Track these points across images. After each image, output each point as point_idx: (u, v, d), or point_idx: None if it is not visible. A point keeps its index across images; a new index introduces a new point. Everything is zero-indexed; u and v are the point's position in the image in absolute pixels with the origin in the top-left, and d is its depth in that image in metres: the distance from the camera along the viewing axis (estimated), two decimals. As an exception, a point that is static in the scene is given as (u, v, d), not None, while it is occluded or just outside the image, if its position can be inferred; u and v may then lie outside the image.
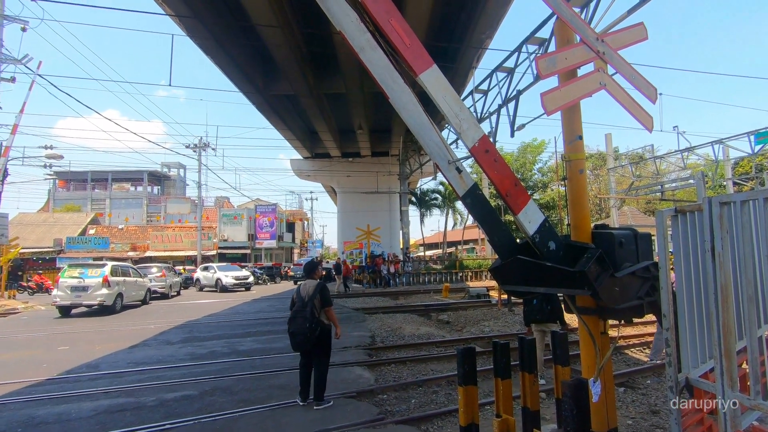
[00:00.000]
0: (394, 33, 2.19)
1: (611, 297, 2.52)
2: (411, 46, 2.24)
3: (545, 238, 2.52)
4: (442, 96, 2.31)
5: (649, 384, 5.83)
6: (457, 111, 2.33)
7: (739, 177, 23.75)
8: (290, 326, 4.97)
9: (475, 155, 2.36)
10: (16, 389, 6.04)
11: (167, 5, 11.81)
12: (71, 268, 14.50)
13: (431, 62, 2.32)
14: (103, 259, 22.95)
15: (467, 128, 2.34)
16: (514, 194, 2.43)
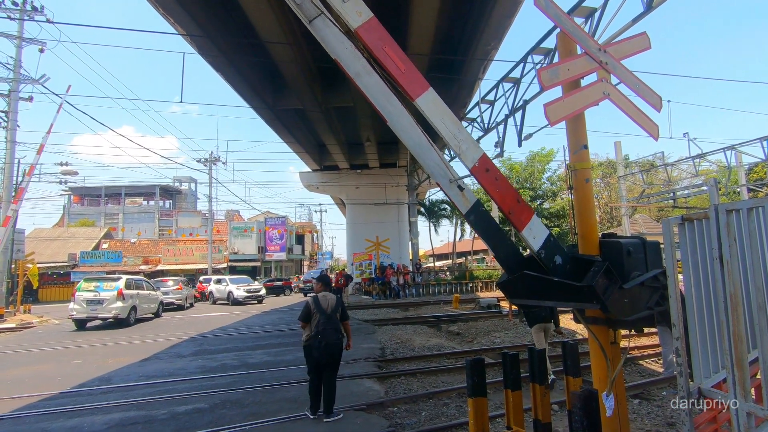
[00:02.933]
0: (388, 60, 2.20)
1: (621, 309, 2.49)
2: (406, 72, 2.25)
3: (551, 253, 2.51)
4: (440, 119, 2.33)
5: (665, 396, 5.71)
6: (455, 132, 2.34)
7: (753, 183, 23.37)
8: (322, 339, 4.90)
9: (476, 175, 2.37)
10: (30, 403, 6.12)
11: (179, 25, 12.13)
12: (87, 282, 14.72)
13: (427, 86, 2.33)
14: (116, 273, 23.28)
15: (466, 149, 2.35)
16: (518, 211, 2.42)
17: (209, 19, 12.55)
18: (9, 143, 18.08)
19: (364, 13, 2.23)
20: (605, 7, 8.13)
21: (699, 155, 17.75)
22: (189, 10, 11.73)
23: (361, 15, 2.22)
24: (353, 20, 2.18)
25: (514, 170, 37.55)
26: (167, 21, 11.97)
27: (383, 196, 25.32)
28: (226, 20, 13.18)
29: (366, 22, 2.21)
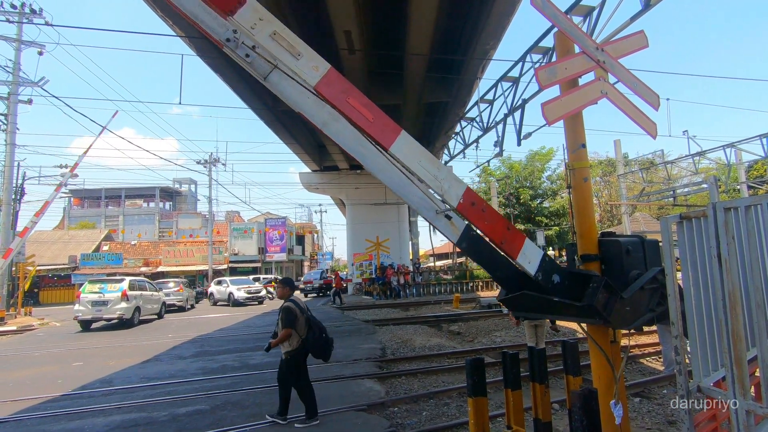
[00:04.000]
0: (354, 112, 2.06)
1: (623, 319, 2.49)
2: (375, 120, 2.12)
3: (548, 273, 2.48)
4: (417, 162, 2.19)
5: (666, 394, 5.71)
6: (435, 173, 2.21)
7: (753, 180, 23.37)
8: (326, 335, 4.99)
9: (463, 212, 2.27)
10: (32, 405, 6.12)
11: (178, 27, 12.13)
12: (91, 284, 14.96)
13: (399, 130, 2.20)
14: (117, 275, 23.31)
15: (449, 187, 2.24)
16: (510, 239, 2.36)
17: (208, 20, 12.56)
18: (8, 146, 18.09)
19: (321, 66, 2.07)
20: (603, 6, 8.13)
21: (699, 153, 17.75)
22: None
23: (318, 69, 2.06)
24: (311, 77, 2.02)
25: (514, 169, 37.54)
26: (166, 23, 11.98)
27: (383, 196, 25.32)
28: (224, 21, 13.20)
29: (325, 76, 2.05)
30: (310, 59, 2.05)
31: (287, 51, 1.99)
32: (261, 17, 1.98)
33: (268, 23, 1.99)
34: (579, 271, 2.63)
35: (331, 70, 2.08)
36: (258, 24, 1.96)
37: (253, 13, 1.97)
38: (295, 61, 2.01)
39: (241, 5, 1.95)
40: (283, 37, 2.00)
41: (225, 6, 1.91)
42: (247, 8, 1.95)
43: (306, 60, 2.03)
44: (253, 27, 1.94)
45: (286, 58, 1.99)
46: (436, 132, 22.42)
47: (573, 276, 2.55)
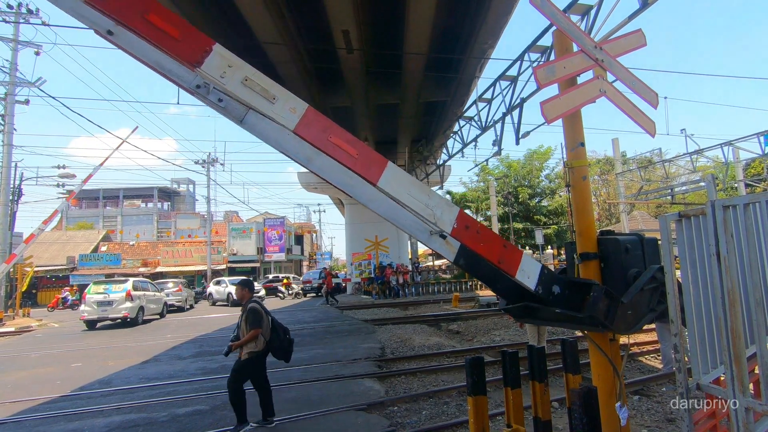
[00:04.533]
0: (337, 150, 2.00)
1: (626, 324, 2.49)
2: (359, 156, 2.05)
3: (548, 285, 2.47)
4: (407, 193, 2.12)
5: (665, 392, 5.73)
6: (426, 201, 2.15)
7: (750, 178, 23.43)
8: (289, 336, 5.02)
9: (458, 236, 2.22)
10: (30, 406, 6.11)
11: (175, 26, 12.12)
12: (96, 285, 15.46)
13: (385, 162, 2.12)
14: (116, 276, 23.33)
15: (441, 214, 2.18)
16: (507, 257, 2.33)
17: (205, 20, 12.53)
18: (6, 146, 18.04)
19: (298, 107, 1.97)
20: (601, 5, 8.13)
21: (696, 151, 17.79)
22: (184, 11, 11.71)
23: (295, 111, 1.95)
24: (288, 120, 1.94)
25: (513, 168, 37.56)
26: (163, 22, 11.95)
27: (382, 195, 25.31)
28: (221, 21, 13.17)
29: (303, 117, 1.96)
30: (286, 101, 1.95)
31: (261, 96, 1.90)
32: (230, 64, 1.87)
33: (239, 69, 1.89)
34: (578, 280, 2.63)
35: (308, 109, 2.00)
36: (227, 72, 1.86)
37: (221, 61, 1.86)
38: (270, 105, 1.91)
39: (208, 54, 1.83)
40: (256, 82, 1.90)
41: (190, 58, 1.79)
42: (214, 56, 1.85)
43: (282, 103, 1.94)
44: (222, 75, 1.84)
45: (261, 104, 1.90)
46: (434, 131, 22.42)
47: (573, 285, 2.54)
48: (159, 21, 1.75)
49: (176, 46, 1.76)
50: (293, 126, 1.93)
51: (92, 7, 1.67)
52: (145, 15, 1.72)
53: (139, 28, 1.71)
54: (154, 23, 1.74)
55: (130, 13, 1.71)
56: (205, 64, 1.81)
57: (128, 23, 1.70)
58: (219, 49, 1.86)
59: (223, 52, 1.87)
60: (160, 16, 1.76)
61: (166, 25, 1.75)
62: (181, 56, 1.77)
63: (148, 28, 1.73)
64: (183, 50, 1.78)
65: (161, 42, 1.74)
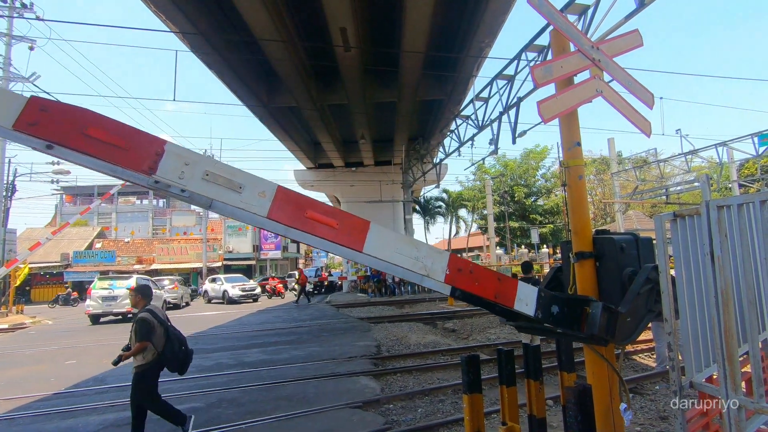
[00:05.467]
0: (316, 226, 1.92)
1: (627, 333, 2.50)
2: (341, 226, 1.96)
3: (546, 308, 2.47)
4: (394, 251, 2.06)
5: (658, 390, 5.78)
6: (415, 254, 2.09)
7: (744, 179, 23.61)
8: (186, 347, 4.65)
9: (452, 282, 2.17)
10: (24, 404, 6.08)
11: (171, 22, 12.03)
12: (101, 281, 16.23)
13: (366, 226, 2.03)
14: (110, 273, 23.29)
15: (431, 263, 2.11)
16: (503, 290, 2.33)
17: (202, 16, 12.46)
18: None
19: (267, 190, 1.85)
20: (598, 4, 8.15)
21: (691, 151, 17.91)
22: (181, 8, 11.64)
23: (265, 195, 1.83)
24: (260, 207, 1.82)
25: (509, 167, 37.66)
26: (159, 18, 11.87)
27: (378, 193, 25.30)
28: (219, 18, 13.10)
29: (274, 201, 1.84)
30: (254, 187, 1.82)
31: (226, 188, 1.78)
32: (186, 162, 1.72)
33: (197, 165, 1.74)
34: (575, 297, 2.65)
35: (278, 191, 1.86)
36: (185, 170, 1.71)
37: (176, 162, 1.70)
38: (237, 196, 1.79)
39: (160, 156, 1.67)
40: (218, 175, 1.77)
41: (141, 166, 1.65)
42: (167, 158, 1.69)
43: (249, 190, 1.81)
44: (181, 176, 1.70)
45: (228, 197, 1.77)
46: (431, 129, 22.42)
47: (570, 302, 2.56)
48: (102, 134, 1.61)
49: (125, 157, 1.63)
50: (265, 213, 1.82)
51: (23, 133, 1.51)
52: (85, 131, 1.57)
53: (80, 146, 1.57)
54: (97, 137, 1.60)
55: (66, 133, 1.56)
56: (159, 169, 1.66)
57: (66, 144, 1.55)
58: (172, 149, 1.71)
59: (177, 151, 1.72)
60: (103, 128, 1.62)
61: (110, 137, 1.62)
62: (131, 167, 1.64)
63: (89, 144, 1.59)
64: (132, 160, 1.64)
65: (106, 156, 1.60)
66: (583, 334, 2.41)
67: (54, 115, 1.55)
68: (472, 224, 43.27)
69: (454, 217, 42.34)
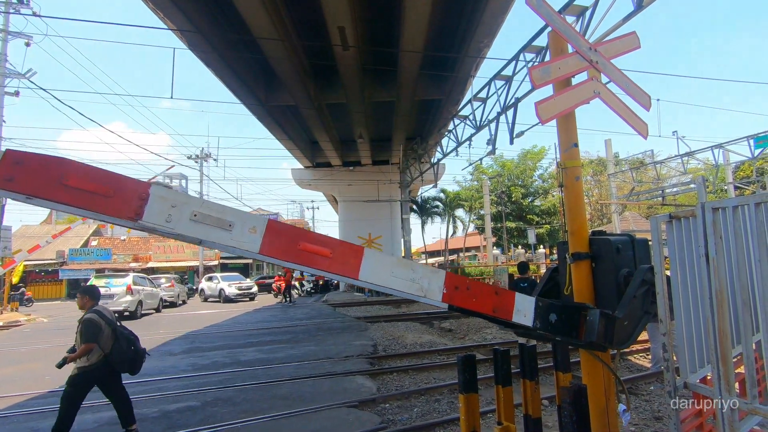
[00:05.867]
0: (310, 257, 1.89)
1: (624, 337, 2.52)
2: (334, 254, 1.94)
3: (544, 317, 2.48)
4: (390, 275, 2.06)
5: (653, 390, 5.81)
6: (411, 276, 2.09)
7: (740, 181, 23.74)
8: (135, 347, 4.53)
9: (450, 301, 2.17)
10: (18, 402, 6.05)
11: (169, 20, 11.99)
12: (98, 279, 16.20)
13: (361, 252, 2.02)
14: (106, 271, 23.24)
15: (428, 284, 2.12)
16: (501, 304, 2.34)
17: (200, 14, 12.42)
18: (-5, 139, 17.74)
19: (258, 226, 1.80)
20: (596, 6, 8.18)
21: (687, 153, 17.99)
22: (179, 5, 11.59)
23: (255, 231, 1.79)
24: (251, 244, 1.78)
25: (506, 167, 37.72)
26: (157, 16, 11.82)
27: (376, 193, 25.30)
28: (217, 16, 13.06)
29: (265, 236, 1.80)
30: (244, 224, 1.79)
31: (215, 227, 1.75)
32: (173, 204, 1.67)
33: (184, 206, 1.69)
34: (573, 305, 2.66)
35: (269, 225, 1.82)
36: (173, 213, 1.67)
37: (162, 205, 1.65)
38: (228, 234, 1.76)
39: (145, 201, 1.62)
40: (206, 215, 1.73)
41: (127, 213, 1.60)
42: (153, 202, 1.64)
43: (239, 227, 1.77)
44: (168, 220, 1.65)
45: (218, 236, 1.74)
46: (429, 129, 22.43)
47: (568, 310, 2.57)
48: (82, 183, 1.54)
49: (108, 204, 1.58)
50: (257, 248, 1.79)
51: None
52: (64, 182, 1.51)
53: (59, 198, 1.51)
54: (78, 187, 1.53)
55: (44, 185, 1.49)
56: (146, 215, 1.62)
57: (44, 196, 1.50)
58: (157, 192, 1.66)
59: (163, 194, 1.67)
60: (83, 177, 1.55)
61: (91, 186, 1.56)
62: (115, 214, 1.60)
63: (70, 195, 1.52)
64: (116, 207, 1.59)
65: (89, 205, 1.55)
66: (582, 341, 2.42)
67: (30, 168, 1.49)
68: (469, 224, 43.35)
69: (451, 217, 42.40)
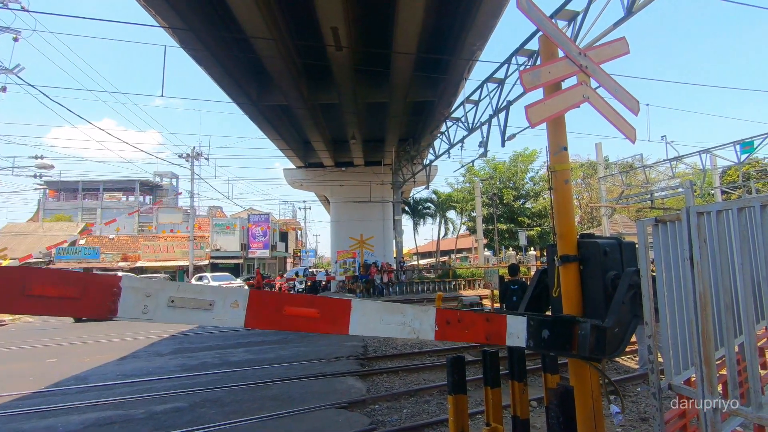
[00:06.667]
0: (297, 320, 1.87)
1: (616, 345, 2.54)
2: (321, 314, 1.92)
3: (536, 334, 2.50)
4: (379, 322, 2.06)
5: (639, 392, 5.87)
6: (401, 320, 2.10)
7: (726, 185, 24.14)
8: None
9: (443, 337, 2.19)
10: (2, 402, 5.94)
11: (161, 17, 11.88)
12: None
13: (348, 306, 2.00)
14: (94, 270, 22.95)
15: (420, 325, 2.14)
16: (493, 331, 2.34)
17: (192, 11, 12.32)
18: (-20, 135, 17.45)
19: (240, 298, 1.76)
20: (587, 12, 8.27)
21: (676, 158, 18.25)
22: (171, 2, 11.50)
23: (238, 305, 1.76)
24: (235, 319, 1.74)
25: (498, 170, 37.93)
26: (148, 12, 11.71)
27: (368, 194, 25.29)
28: (209, 13, 12.97)
29: (249, 309, 1.76)
30: (225, 300, 1.73)
31: (195, 309, 1.71)
32: (147, 294, 1.63)
33: (160, 293, 1.64)
34: (563, 318, 2.68)
35: (251, 296, 1.77)
36: (148, 302, 1.63)
37: (136, 296, 1.60)
38: (209, 313, 1.72)
39: (117, 296, 1.57)
40: (184, 298, 1.70)
41: (100, 311, 1.55)
42: (126, 296, 1.59)
43: (220, 304, 1.73)
44: (145, 311, 1.61)
45: (199, 317, 1.71)
46: (421, 131, 22.49)
47: (559, 324, 2.59)
48: (48, 290, 1.49)
49: (79, 306, 1.54)
50: (242, 322, 1.75)
51: None
52: (27, 293, 1.46)
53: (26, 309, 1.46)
54: (44, 295, 1.49)
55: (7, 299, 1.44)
56: (120, 310, 1.57)
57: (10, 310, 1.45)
58: (129, 284, 1.61)
59: (135, 285, 1.62)
60: (48, 283, 1.50)
61: (58, 291, 1.51)
62: (89, 314, 1.55)
63: (36, 304, 1.48)
64: (89, 307, 1.54)
65: (59, 310, 1.51)
66: (576, 354, 2.44)
67: None
68: (460, 226, 43.50)
69: (443, 219, 42.52)
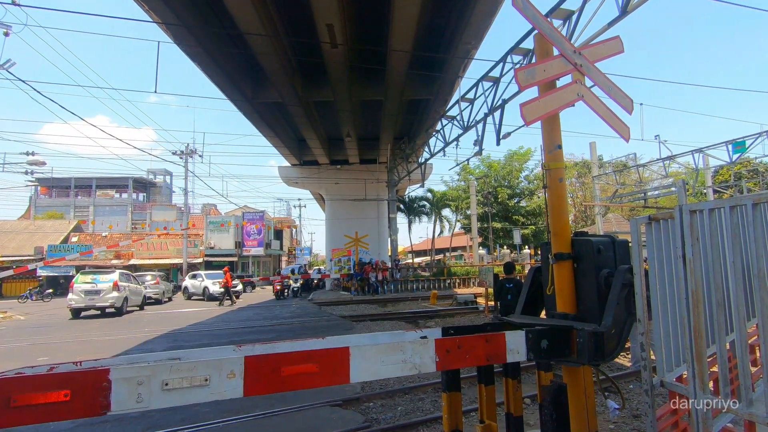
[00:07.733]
0: (297, 379, 1.85)
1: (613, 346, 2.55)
2: (321, 367, 1.89)
3: (536, 346, 2.50)
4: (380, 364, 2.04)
5: (632, 389, 5.92)
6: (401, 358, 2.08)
7: (719, 185, 24.36)
8: None
9: (445, 367, 2.21)
10: (-8, 402, 5.88)
11: (154, 12, 11.77)
12: (84, 275, 16.16)
13: (346, 353, 1.97)
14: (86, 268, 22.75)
15: (420, 359, 2.12)
16: (493, 351, 2.31)
17: (185, 7, 12.23)
18: (-30, 131, 17.23)
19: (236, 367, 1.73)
20: (582, 11, 8.30)
21: (669, 157, 18.39)
22: (164, -3, 11.40)
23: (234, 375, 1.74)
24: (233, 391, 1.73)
25: (493, 168, 38.05)
26: (141, 8, 11.61)
27: (363, 192, 25.28)
28: (203, 9, 12.88)
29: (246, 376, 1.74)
30: (221, 372, 1.71)
31: (191, 387, 1.66)
32: (139, 381, 1.59)
33: (151, 378, 1.61)
34: (560, 327, 2.69)
35: (247, 362, 1.76)
36: (142, 390, 1.59)
37: (128, 387, 1.57)
38: (206, 390, 1.68)
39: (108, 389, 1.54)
40: (178, 378, 1.65)
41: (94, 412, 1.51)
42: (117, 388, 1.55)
43: (217, 378, 1.70)
44: (139, 400, 1.59)
45: (196, 395, 1.67)
46: (417, 129, 22.50)
47: (556, 332, 2.59)
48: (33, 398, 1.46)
49: (71, 408, 1.49)
50: (241, 393, 1.73)
51: None
52: (12, 404, 1.43)
53: (12, 422, 1.43)
54: (30, 403, 1.46)
55: None
56: (113, 404, 1.53)
57: None
58: (118, 374, 1.57)
59: (125, 374, 1.58)
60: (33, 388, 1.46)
61: (43, 398, 1.48)
62: (81, 415, 1.51)
63: (23, 415, 1.46)
64: (81, 408, 1.49)
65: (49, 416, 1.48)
66: (576, 360, 2.44)
67: None
68: (455, 224, 43.61)
69: (438, 217, 42.60)
